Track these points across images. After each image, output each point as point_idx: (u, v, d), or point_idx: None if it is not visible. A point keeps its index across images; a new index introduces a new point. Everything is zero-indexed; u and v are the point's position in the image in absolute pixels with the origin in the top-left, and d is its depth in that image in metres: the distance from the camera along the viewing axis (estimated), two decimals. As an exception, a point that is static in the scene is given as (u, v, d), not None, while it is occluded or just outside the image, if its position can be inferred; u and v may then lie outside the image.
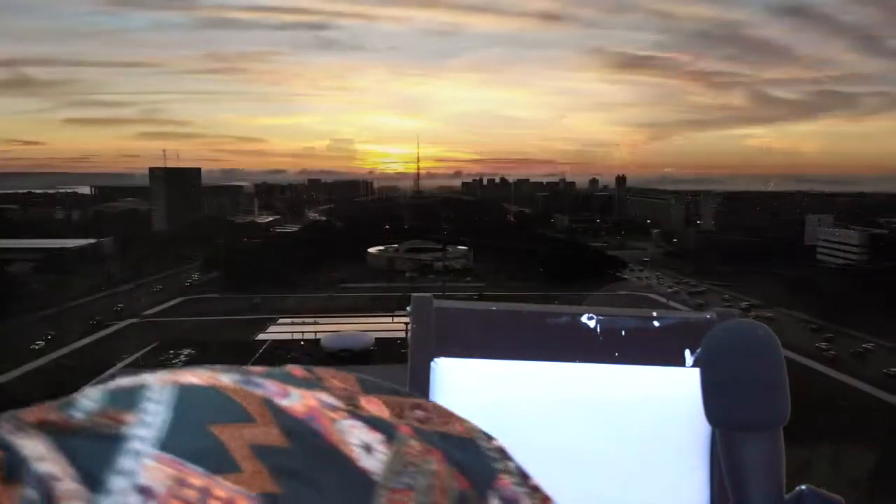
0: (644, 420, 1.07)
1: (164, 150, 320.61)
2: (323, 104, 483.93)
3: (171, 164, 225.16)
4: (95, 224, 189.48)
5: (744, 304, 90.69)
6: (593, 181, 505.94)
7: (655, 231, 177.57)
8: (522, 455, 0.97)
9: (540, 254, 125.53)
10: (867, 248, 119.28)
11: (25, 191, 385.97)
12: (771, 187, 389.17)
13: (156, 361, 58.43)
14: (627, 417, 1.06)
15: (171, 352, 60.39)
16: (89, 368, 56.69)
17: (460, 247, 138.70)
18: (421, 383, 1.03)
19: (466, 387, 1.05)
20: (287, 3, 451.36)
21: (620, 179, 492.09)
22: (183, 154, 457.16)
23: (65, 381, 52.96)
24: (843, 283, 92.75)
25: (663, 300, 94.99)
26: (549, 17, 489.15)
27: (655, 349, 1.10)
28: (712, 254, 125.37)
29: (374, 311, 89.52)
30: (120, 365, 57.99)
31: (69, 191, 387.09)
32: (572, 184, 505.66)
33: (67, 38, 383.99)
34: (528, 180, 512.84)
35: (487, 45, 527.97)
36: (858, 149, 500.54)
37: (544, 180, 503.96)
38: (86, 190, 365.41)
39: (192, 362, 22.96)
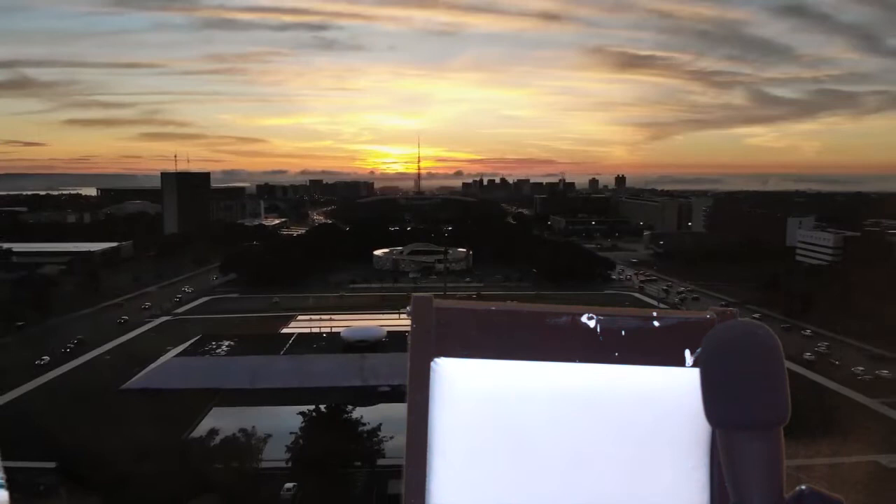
0: (644, 420, 1.10)
1: (175, 155, 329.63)
2: (323, 104, 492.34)
3: (180, 166, 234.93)
4: (107, 227, 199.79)
5: (681, 289, 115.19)
6: (593, 181, 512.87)
7: (646, 233, 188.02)
8: (524, 454, 1.10)
9: (535, 256, 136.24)
10: (840, 250, 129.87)
11: (30, 192, 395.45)
12: (769, 187, 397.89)
13: (203, 350, 69.11)
14: (627, 417, 1.10)
15: (213, 343, 70.99)
16: (143, 357, 67.31)
17: (460, 249, 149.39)
18: (421, 383, 1.06)
19: (466, 387, 1.09)
20: (287, 3, 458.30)
21: (620, 179, 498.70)
22: (182, 154, 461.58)
23: (126, 366, 63.68)
24: (793, 280, 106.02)
25: (654, 302, 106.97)
26: (549, 16, 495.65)
27: (655, 349, 1.13)
28: (695, 255, 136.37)
29: (382, 308, 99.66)
30: (169, 354, 68.51)
31: (73, 192, 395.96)
32: (572, 184, 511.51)
33: (68, 40, 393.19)
34: (528, 181, 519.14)
35: (487, 45, 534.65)
36: (858, 148, 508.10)
37: (544, 181, 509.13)
38: (90, 191, 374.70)
39: (233, 352, 40.70)
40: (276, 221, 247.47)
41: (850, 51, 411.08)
